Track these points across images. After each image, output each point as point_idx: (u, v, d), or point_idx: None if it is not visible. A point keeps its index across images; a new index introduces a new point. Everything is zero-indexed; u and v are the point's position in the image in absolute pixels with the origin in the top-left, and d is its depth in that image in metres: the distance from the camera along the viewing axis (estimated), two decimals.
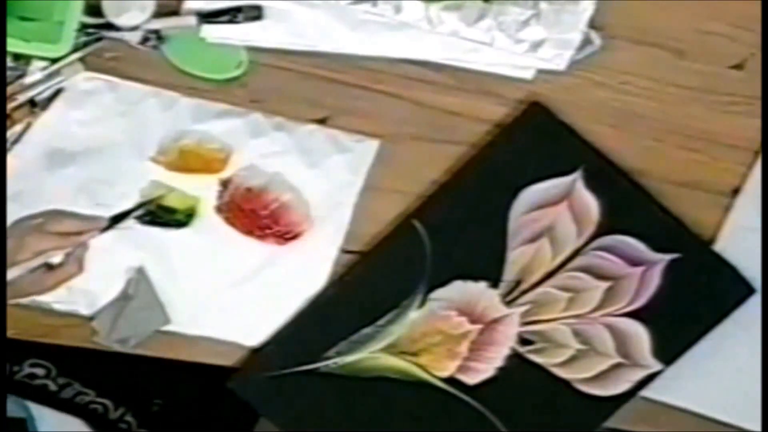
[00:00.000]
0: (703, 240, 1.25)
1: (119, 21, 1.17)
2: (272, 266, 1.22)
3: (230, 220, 1.21)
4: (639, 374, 1.23)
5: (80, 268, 1.12)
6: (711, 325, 1.24)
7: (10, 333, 1.12)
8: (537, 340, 1.23)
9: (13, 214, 1.15)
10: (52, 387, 1.12)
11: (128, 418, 1.13)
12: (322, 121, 1.22)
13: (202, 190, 1.21)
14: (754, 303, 1.24)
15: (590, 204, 1.23)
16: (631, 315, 1.23)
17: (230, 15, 1.19)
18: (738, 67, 1.26)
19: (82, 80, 1.19)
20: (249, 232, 1.21)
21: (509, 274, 1.23)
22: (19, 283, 1.06)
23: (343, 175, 1.22)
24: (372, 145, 1.22)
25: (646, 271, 1.23)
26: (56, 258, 1.12)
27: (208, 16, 1.19)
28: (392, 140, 1.23)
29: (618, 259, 1.23)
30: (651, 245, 1.23)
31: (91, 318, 1.19)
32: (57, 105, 1.19)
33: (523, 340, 1.23)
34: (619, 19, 1.24)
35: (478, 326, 1.23)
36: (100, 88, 1.19)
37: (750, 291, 1.24)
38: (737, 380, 1.26)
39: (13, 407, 1.05)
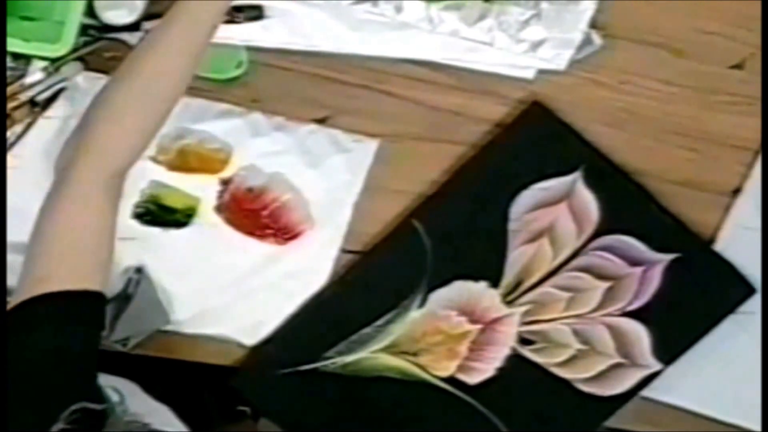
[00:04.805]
0: (703, 240, 1.25)
1: (109, 17, 1.16)
2: (272, 266, 1.22)
3: (230, 220, 1.21)
4: (639, 374, 1.23)
5: None
6: (711, 325, 1.24)
7: None
8: (537, 339, 1.23)
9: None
10: None
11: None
12: (322, 121, 1.22)
13: (202, 189, 1.20)
14: (754, 303, 1.24)
15: (590, 204, 1.23)
16: (631, 315, 1.23)
17: (230, 15, 1.18)
18: (738, 67, 1.26)
19: (82, 80, 1.18)
20: (249, 232, 1.21)
21: (509, 273, 1.23)
22: None
23: (343, 174, 1.22)
24: (371, 145, 1.22)
25: (646, 271, 1.23)
26: None
27: None
28: (392, 140, 1.23)
29: (618, 259, 1.23)
30: (651, 245, 1.23)
31: None
32: (57, 105, 1.18)
33: (524, 340, 1.23)
34: (619, 19, 1.23)
35: (479, 326, 1.23)
36: (100, 87, 1.19)
37: (750, 291, 1.24)
38: (737, 380, 1.26)
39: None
